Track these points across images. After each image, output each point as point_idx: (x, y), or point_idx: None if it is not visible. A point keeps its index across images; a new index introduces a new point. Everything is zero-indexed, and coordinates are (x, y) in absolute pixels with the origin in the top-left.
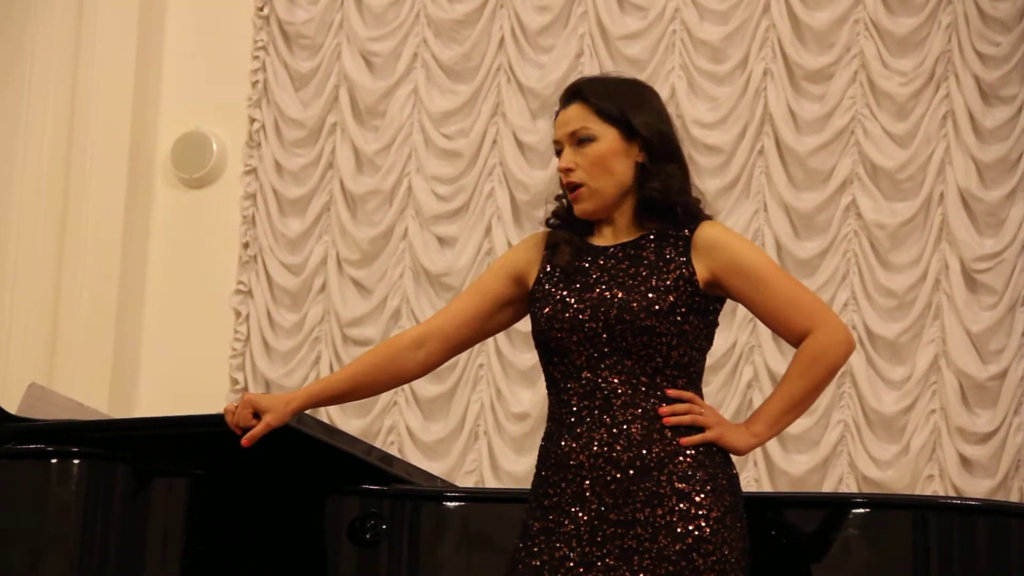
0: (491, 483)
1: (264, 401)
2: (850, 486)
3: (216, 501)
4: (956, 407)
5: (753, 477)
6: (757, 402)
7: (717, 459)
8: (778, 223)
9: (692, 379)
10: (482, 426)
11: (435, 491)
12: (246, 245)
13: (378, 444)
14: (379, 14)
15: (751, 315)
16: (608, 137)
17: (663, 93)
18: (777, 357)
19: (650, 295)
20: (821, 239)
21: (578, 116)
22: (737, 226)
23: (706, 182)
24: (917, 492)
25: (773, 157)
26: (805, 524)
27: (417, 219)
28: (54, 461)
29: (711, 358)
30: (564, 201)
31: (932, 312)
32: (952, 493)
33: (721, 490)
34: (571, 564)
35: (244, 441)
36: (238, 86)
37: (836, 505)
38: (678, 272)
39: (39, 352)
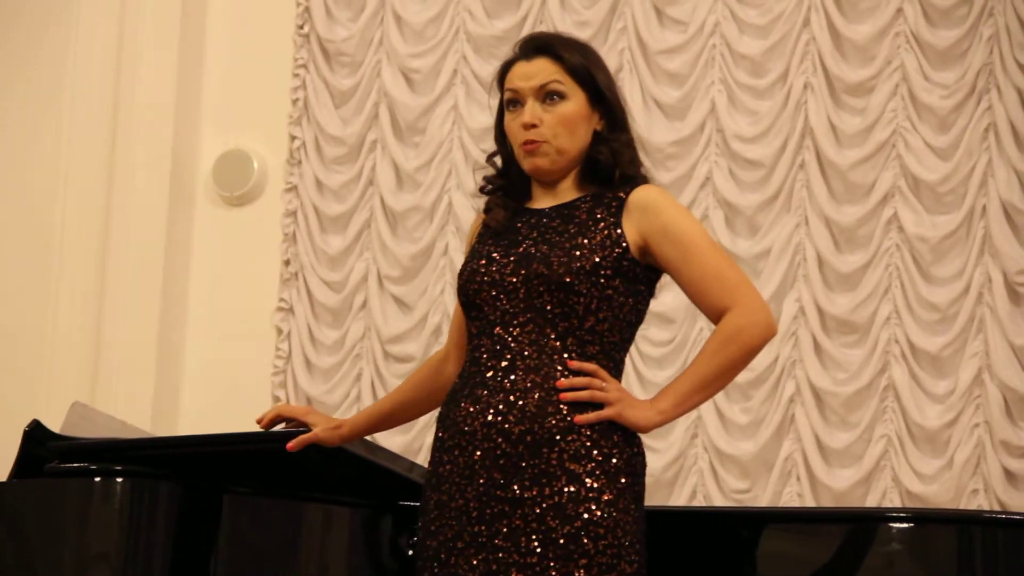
0: None
1: (301, 413)
2: (894, 501)
3: (258, 518)
4: (1000, 421)
5: (796, 492)
6: (800, 418)
7: (615, 438)
8: (819, 237)
9: (608, 350)
10: None
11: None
12: (287, 262)
13: (419, 461)
14: (419, 31)
15: (793, 329)
16: (578, 98)
17: (703, 107)
18: (820, 372)
19: (574, 252)
20: (863, 253)
21: (548, 70)
22: (778, 240)
23: (747, 196)
24: (961, 506)
25: (814, 171)
26: (849, 539)
27: (458, 235)
28: (98, 480)
29: (751, 371)
30: (498, 161)
31: (975, 325)
32: (997, 507)
33: (615, 471)
34: (461, 545)
35: (290, 446)
36: (279, 104)
37: (880, 520)
38: (606, 232)
39: (82, 370)
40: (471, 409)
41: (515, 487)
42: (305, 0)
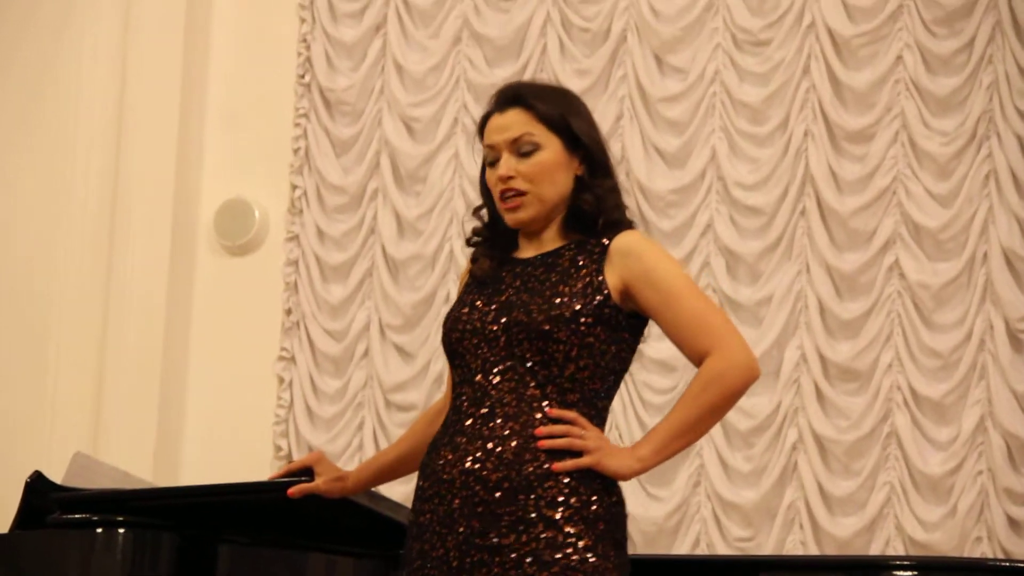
0: None
1: (311, 461)
2: (897, 549)
3: (259, 569)
4: (1003, 468)
5: (799, 540)
6: (802, 465)
7: (595, 485)
8: (820, 284)
9: (589, 398)
10: None
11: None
12: (289, 311)
13: None
14: (419, 80)
15: (795, 376)
16: (553, 146)
17: (704, 155)
18: (822, 419)
19: (554, 300)
20: (864, 300)
21: (520, 121)
22: (780, 287)
23: (748, 243)
24: (965, 554)
25: (815, 218)
26: None
27: (459, 283)
28: (99, 530)
29: (753, 419)
30: (485, 214)
31: (977, 372)
32: (1000, 555)
33: (594, 517)
34: None
35: (291, 492)
36: (280, 153)
37: (884, 568)
38: (588, 279)
39: (84, 421)
40: (449, 457)
41: (493, 535)
42: (306, 50)
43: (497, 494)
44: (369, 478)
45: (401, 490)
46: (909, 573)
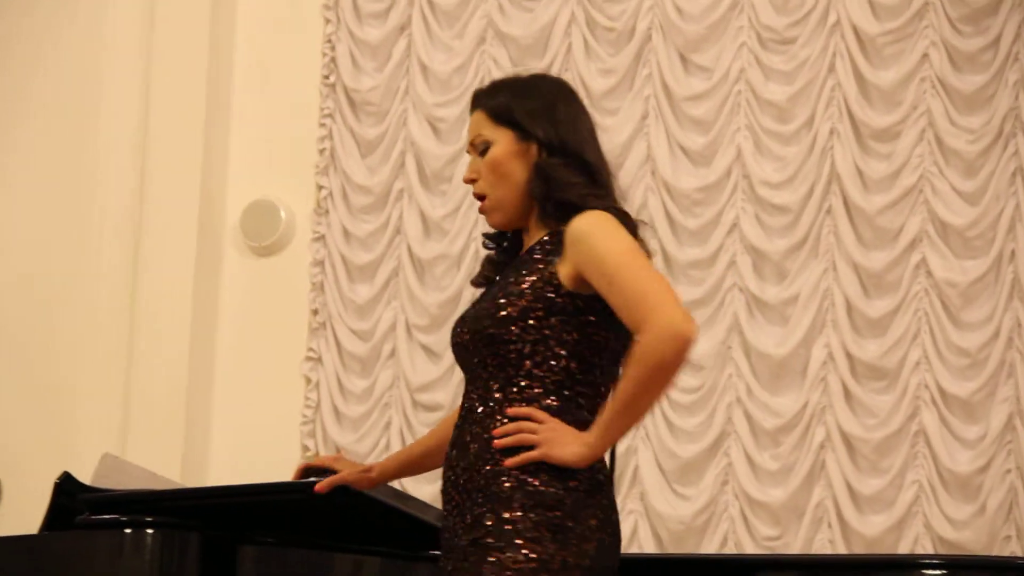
0: None
1: (329, 461)
2: (926, 547)
3: (286, 569)
4: None
5: (827, 539)
6: (830, 464)
7: (544, 477)
8: (847, 282)
9: (556, 388)
10: None
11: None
12: (315, 312)
13: None
14: (444, 80)
15: (822, 375)
16: (502, 140)
17: (729, 153)
18: (850, 417)
19: (500, 300)
20: (891, 298)
21: (475, 123)
22: (806, 285)
23: (775, 242)
24: (995, 553)
25: (841, 216)
26: None
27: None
28: (128, 531)
29: (780, 418)
30: None
31: (1005, 370)
32: None
33: (548, 507)
34: None
35: (319, 487)
36: (306, 154)
37: (914, 567)
38: (538, 273)
39: (111, 422)
40: (445, 464)
41: (460, 536)
42: (331, 50)
43: (463, 496)
44: (394, 469)
45: (428, 489)
46: (938, 572)
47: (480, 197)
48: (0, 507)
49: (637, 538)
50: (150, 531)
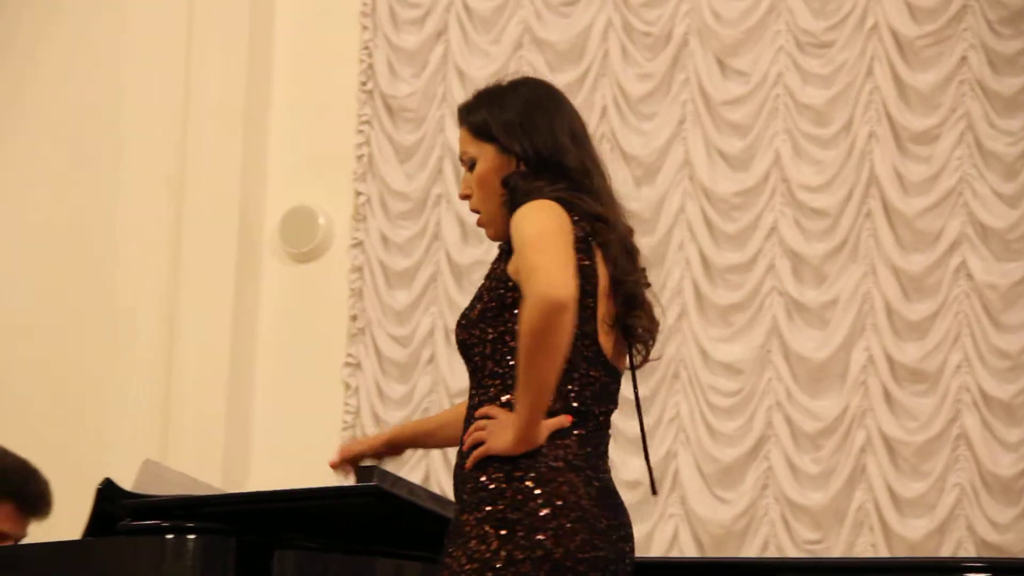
0: None
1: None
2: (968, 551)
3: (328, 574)
4: None
5: (869, 542)
6: (871, 467)
7: (492, 472)
8: (887, 286)
9: (509, 385)
10: None
11: None
12: (354, 318)
13: None
14: (481, 85)
15: (862, 378)
16: (485, 156)
17: (768, 157)
18: (890, 421)
19: (466, 309)
20: (931, 301)
21: (461, 140)
22: (846, 289)
23: (813, 246)
24: None
25: (880, 219)
26: None
27: None
28: (170, 537)
29: (821, 421)
30: None
31: None
32: None
33: (491, 502)
34: None
35: (332, 462)
36: (343, 160)
37: (956, 570)
38: (492, 275)
39: (153, 428)
40: None
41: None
42: (368, 57)
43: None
44: (408, 438)
45: None
46: (981, 575)
47: (476, 211)
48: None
49: (678, 542)
50: (191, 536)
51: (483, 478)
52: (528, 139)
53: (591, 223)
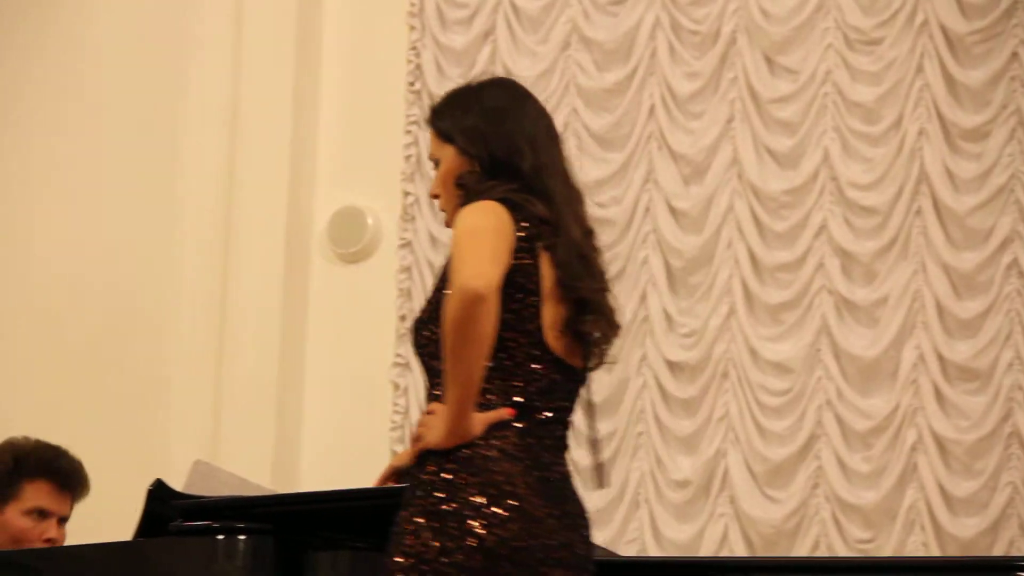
0: (653, 551)
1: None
2: (1021, 549)
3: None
4: None
5: (921, 541)
6: (923, 466)
7: (427, 467)
8: (938, 284)
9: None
10: (643, 494)
11: (598, 560)
12: (403, 318)
13: None
14: (529, 86)
15: (913, 377)
16: (447, 157)
17: (816, 155)
18: (942, 419)
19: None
20: (983, 299)
21: (431, 141)
22: (896, 287)
23: (863, 244)
24: None
25: (931, 217)
26: None
27: None
28: (220, 538)
29: (871, 420)
30: None
31: None
32: None
33: (424, 496)
34: None
35: (377, 481)
36: (392, 161)
37: (1009, 569)
38: (440, 276)
39: (203, 429)
40: None
41: None
42: (416, 57)
43: None
44: None
45: None
46: None
47: (443, 210)
48: (95, 515)
49: (728, 542)
50: (242, 537)
51: (420, 474)
52: (484, 143)
53: (537, 225)
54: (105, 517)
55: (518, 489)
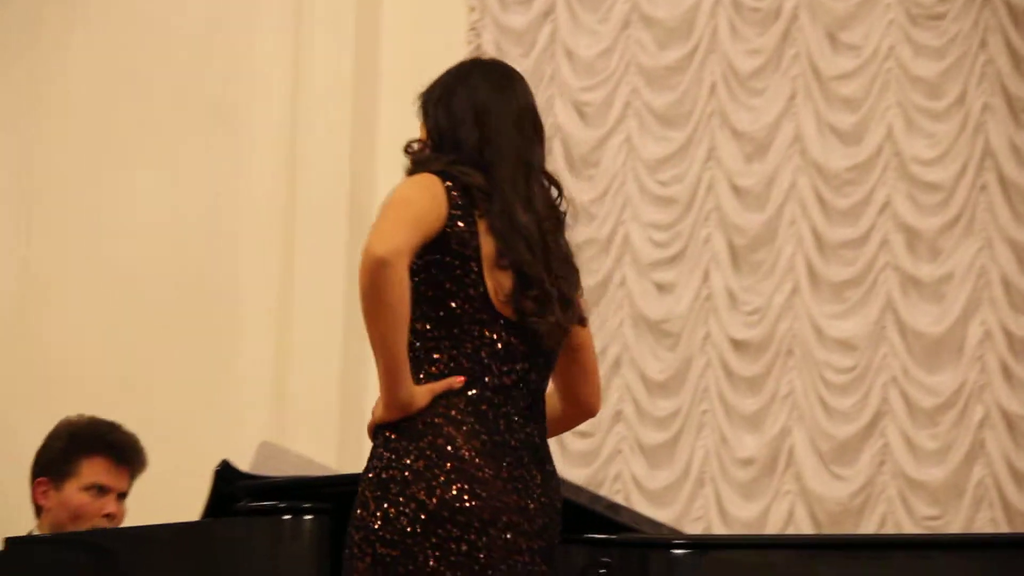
0: (719, 530)
1: None
2: None
3: None
4: None
5: (989, 518)
6: (990, 442)
7: (376, 440)
8: (1004, 259)
9: (418, 367)
10: (708, 472)
11: (663, 539)
12: None
13: (604, 493)
14: (589, 64)
15: (979, 353)
16: (421, 133)
17: (880, 131)
18: (1009, 395)
19: None
20: None
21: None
22: (961, 263)
23: (927, 220)
24: None
25: (996, 193)
26: None
27: (635, 267)
28: (286, 518)
29: (938, 397)
30: None
31: None
32: None
33: (371, 468)
34: None
35: None
36: None
37: None
38: None
39: (269, 410)
40: None
41: None
42: (476, 38)
43: None
44: None
45: (582, 473)
46: None
47: None
48: (162, 494)
49: (794, 519)
50: (308, 517)
51: (372, 449)
52: (434, 115)
53: (471, 193)
54: (174, 499)
55: (460, 451)
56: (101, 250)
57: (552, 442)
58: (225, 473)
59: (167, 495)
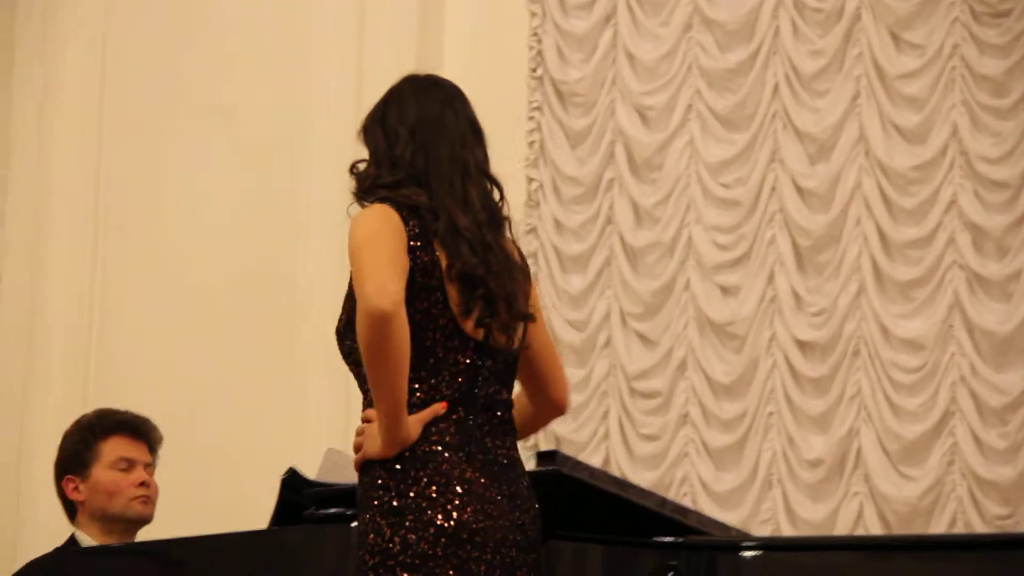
0: (787, 531)
1: None
2: None
3: None
4: None
5: None
6: None
7: (376, 471)
8: None
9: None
10: (775, 474)
11: (731, 541)
12: None
13: (671, 496)
14: (651, 68)
15: None
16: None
17: (945, 130)
18: None
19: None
20: None
21: None
22: None
23: (994, 218)
24: None
25: None
26: None
27: (699, 269)
28: (354, 525)
29: (1006, 396)
30: None
31: None
32: None
33: (377, 495)
34: None
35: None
36: (515, 147)
37: None
38: (349, 285)
39: (334, 418)
40: None
41: None
42: (537, 43)
43: None
44: None
45: (649, 476)
46: None
47: None
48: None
49: (863, 520)
50: None
51: (367, 478)
52: (373, 136)
53: (422, 218)
54: (243, 508)
55: (466, 473)
56: (168, 260)
57: (619, 445)
58: (292, 481)
59: (234, 503)
